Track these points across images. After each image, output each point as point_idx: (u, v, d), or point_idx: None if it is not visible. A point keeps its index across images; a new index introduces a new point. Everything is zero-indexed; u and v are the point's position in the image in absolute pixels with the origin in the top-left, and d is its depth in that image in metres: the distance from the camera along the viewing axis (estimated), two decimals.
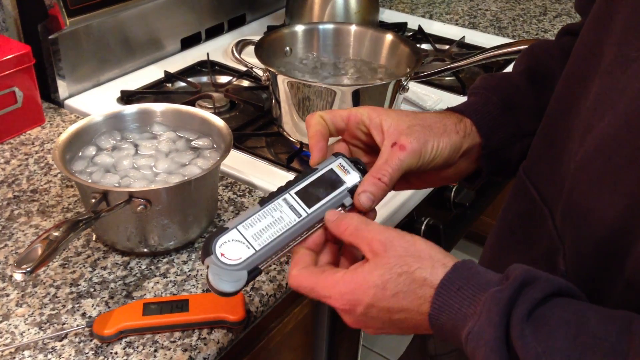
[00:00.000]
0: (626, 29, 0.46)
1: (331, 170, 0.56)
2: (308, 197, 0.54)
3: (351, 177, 0.56)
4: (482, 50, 1.06)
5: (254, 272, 0.50)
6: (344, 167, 0.56)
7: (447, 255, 0.48)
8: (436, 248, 0.49)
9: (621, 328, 0.40)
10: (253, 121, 1.06)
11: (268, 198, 0.54)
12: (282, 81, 0.91)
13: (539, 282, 0.43)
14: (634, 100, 0.43)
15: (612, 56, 0.47)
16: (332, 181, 0.55)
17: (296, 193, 0.54)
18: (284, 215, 0.53)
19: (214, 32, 1.35)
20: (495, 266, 0.56)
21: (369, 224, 0.51)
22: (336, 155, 0.57)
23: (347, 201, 0.55)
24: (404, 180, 0.58)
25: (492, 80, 0.66)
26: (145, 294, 0.72)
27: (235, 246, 0.50)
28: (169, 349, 0.65)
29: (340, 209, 0.55)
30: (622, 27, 0.47)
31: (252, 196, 0.88)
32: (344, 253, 0.55)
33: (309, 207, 0.53)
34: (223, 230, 0.51)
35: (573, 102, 0.52)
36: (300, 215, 0.53)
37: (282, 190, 0.54)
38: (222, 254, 0.50)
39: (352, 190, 0.55)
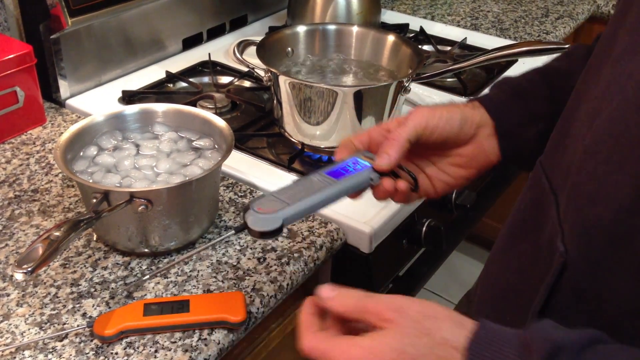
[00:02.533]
0: (637, 17, 0.47)
1: (355, 159, 0.61)
2: (336, 173, 0.59)
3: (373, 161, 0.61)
4: (484, 51, 1.05)
5: (286, 222, 0.55)
6: (368, 156, 0.62)
7: (464, 317, 0.46)
8: (450, 309, 0.47)
9: None
10: (254, 122, 1.06)
11: (300, 178, 0.59)
12: (283, 82, 0.91)
13: (563, 352, 0.41)
14: None
15: (623, 45, 0.48)
16: (357, 164, 0.61)
17: (325, 172, 0.60)
18: (314, 184, 0.58)
19: (215, 33, 1.35)
20: (507, 257, 0.56)
21: (372, 296, 0.48)
22: (363, 152, 0.63)
23: (374, 176, 0.59)
24: (438, 173, 0.64)
25: (509, 77, 0.70)
26: (145, 295, 0.72)
27: (271, 203, 0.55)
28: (170, 350, 0.65)
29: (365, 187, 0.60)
30: (634, 18, 0.48)
31: (253, 197, 0.88)
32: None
33: (337, 178, 0.59)
34: (261, 196, 0.57)
35: (586, 92, 0.53)
36: (330, 184, 0.58)
37: (312, 172, 0.60)
38: (259, 209, 0.55)
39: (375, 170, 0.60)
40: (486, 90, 0.72)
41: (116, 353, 0.65)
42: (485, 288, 0.63)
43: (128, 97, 1.10)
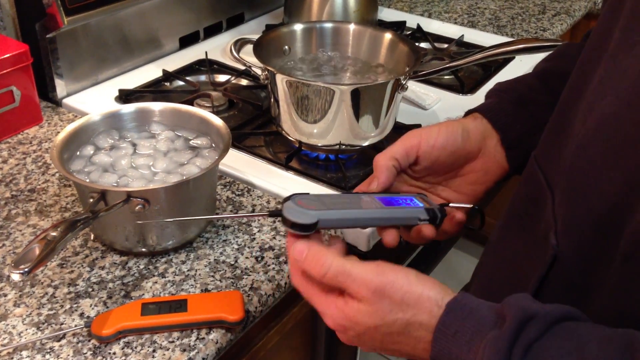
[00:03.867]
0: (631, 14, 0.47)
1: (412, 198, 0.60)
2: (387, 201, 0.58)
3: (429, 205, 0.60)
4: (481, 49, 1.05)
5: (321, 224, 0.53)
6: (424, 199, 0.61)
7: (446, 293, 0.48)
8: (435, 286, 0.48)
9: (622, 348, 0.40)
10: (252, 120, 1.06)
11: (350, 192, 0.59)
12: (280, 80, 0.90)
13: (536, 319, 0.43)
14: (635, 81, 0.44)
15: (617, 41, 0.48)
16: (410, 202, 0.59)
17: (377, 197, 0.58)
18: (361, 202, 0.57)
19: (212, 31, 1.35)
20: (501, 249, 0.57)
21: (348, 268, 0.49)
22: (419, 194, 0.62)
23: (423, 216, 0.58)
24: (457, 196, 0.64)
25: (506, 83, 0.69)
26: (143, 294, 0.72)
27: (312, 202, 0.54)
28: (168, 349, 0.65)
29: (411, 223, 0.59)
30: (628, 13, 0.48)
31: (250, 195, 0.88)
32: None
33: (385, 204, 0.57)
34: (304, 193, 0.55)
35: (581, 88, 0.53)
36: (376, 207, 0.57)
37: (365, 193, 0.59)
38: (299, 202, 0.54)
39: (429, 211, 0.58)
40: (478, 94, 0.71)
41: (114, 353, 0.65)
42: (480, 280, 0.64)
43: (125, 96, 1.09)
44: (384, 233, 0.58)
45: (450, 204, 0.62)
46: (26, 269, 0.59)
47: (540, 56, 1.29)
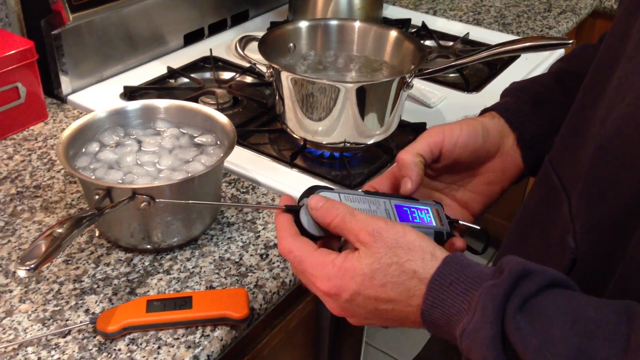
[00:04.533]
0: None
1: (427, 209, 0.59)
2: (402, 213, 0.57)
3: (440, 224, 0.59)
4: (486, 47, 1.05)
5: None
6: (438, 213, 0.60)
7: (438, 248, 0.48)
8: (427, 239, 0.49)
9: (620, 312, 0.40)
10: (256, 118, 1.06)
11: (371, 193, 0.58)
12: (285, 77, 0.90)
13: (534, 274, 0.43)
14: None
15: (634, 42, 0.47)
16: (424, 215, 0.59)
17: (395, 204, 0.58)
18: (378, 211, 0.56)
19: (217, 28, 1.34)
20: (517, 251, 0.57)
21: (355, 214, 0.50)
22: (437, 203, 0.61)
23: (430, 237, 0.56)
24: (472, 196, 0.63)
25: (522, 82, 0.68)
26: (148, 291, 0.72)
27: None
28: (173, 346, 0.65)
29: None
30: None
31: (255, 193, 0.88)
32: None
33: (400, 219, 0.57)
34: (329, 188, 0.55)
35: (598, 90, 0.52)
36: (390, 219, 0.56)
37: (383, 194, 0.59)
38: None
39: (437, 233, 0.58)
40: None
41: (119, 349, 0.65)
42: None
43: (129, 93, 1.10)
44: None
45: (460, 222, 0.62)
46: (32, 266, 0.59)
47: (545, 54, 1.30)
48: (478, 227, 0.62)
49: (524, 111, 0.64)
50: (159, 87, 1.14)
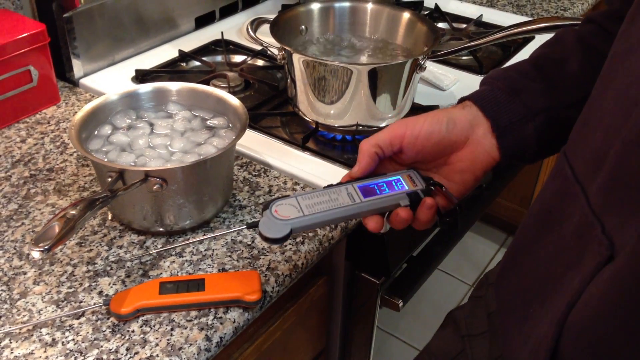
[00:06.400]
0: None
1: (398, 178, 0.62)
2: (367, 191, 0.61)
3: (415, 185, 0.62)
4: (500, 28, 1.04)
5: (295, 231, 0.58)
6: (411, 178, 0.62)
7: None
8: None
9: None
10: (268, 101, 1.06)
11: (333, 185, 0.61)
12: (297, 60, 0.90)
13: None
14: None
15: None
16: (395, 184, 0.62)
17: (358, 186, 0.61)
18: (340, 198, 0.60)
19: (228, 11, 1.34)
20: (535, 245, 0.56)
21: None
22: (409, 168, 0.64)
23: (403, 202, 0.60)
24: (447, 184, 0.64)
25: (500, 70, 0.68)
26: (161, 273, 0.72)
27: (288, 208, 0.58)
28: (186, 328, 0.66)
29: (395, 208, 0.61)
30: None
31: (267, 176, 0.88)
32: None
33: (365, 197, 0.60)
34: (285, 196, 0.60)
35: (611, 78, 0.51)
36: (354, 201, 0.60)
37: (348, 182, 0.62)
38: (275, 211, 0.58)
39: (411, 194, 0.61)
40: (487, 75, 0.71)
41: (132, 331, 0.65)
42: (512, 279, 0.62)
43: (141, 76, 1.09)
44: (366, 220, 0.61)
45: (435, 181, 0.63)
46: (46, 247, 0.59)
47: None
48: (455, 200, 0.62)
49: (499, 99, 0.64)
50: (170, 71, 1.13)
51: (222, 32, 1.23)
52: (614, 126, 0.47)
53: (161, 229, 0.77)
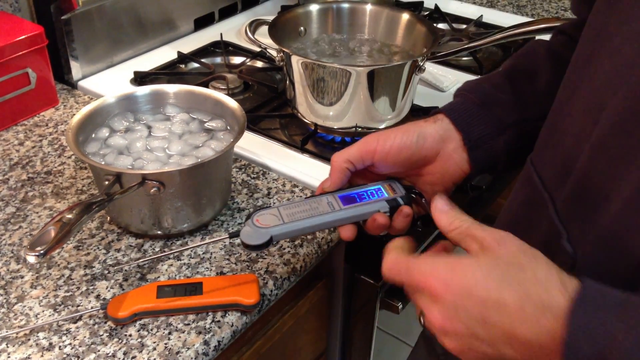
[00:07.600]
0: (634, 6, 0.45)
1: (379, 187, 0.64)
2: (348, 199, 0.62)
3: (395, 193, 0.63)
4: (500, 29, 1.03)
5: (276, 238, 0.60)
6: (392, 187, 0.64)
7: (560, 270, 0.44)
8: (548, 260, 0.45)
9: None
10: (267, 102, 1.05)
11: (315, 195, 0.63)
12: (296, 62, 0.89)
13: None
14: None
15: (621, 35, 0.46)
16: (375, 193, 0.63)
17: (339, 195, 0.62)
18: (320, 207, 0.61)
19: (227, 12, 1.33)
20: None
21: (484, 227, 0.48)
22: (390, 178, 0.65)
23: (383, 209, 0.61)
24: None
25: (473, 82, 0.69)
26: (159, 277, 0.72)
27: (270, 217, 0.60)
28: (183, 332, 0.65)
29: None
30: (629, 5, 0.46)
31: (266, 178, 0.88)
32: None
33: (344, 205, 0.61)
34: (267, 207, 0.62)
35: (576, 86, 0.51)
36: (334, 209, 0.61)
37: (329, 192, 0.63)
38: (257, 220, 0.60)
39: (390, 201, 0.62)
40: (460, 86, 0.70)
41: (130, 335, 0.65)
42: None
43: (140, 78, 1.09)
44: (340, 229, 0.62)
45: (416, 191, 0.64)
46: (42, 251, 0.59)
47: None
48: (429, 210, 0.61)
49: (471, 112, 0.64)
50: (169, 72, 1.13)
51: (221, 34, 1.23)
52: (584, 131, 0.47)
53: (159, 232, 0.76)
